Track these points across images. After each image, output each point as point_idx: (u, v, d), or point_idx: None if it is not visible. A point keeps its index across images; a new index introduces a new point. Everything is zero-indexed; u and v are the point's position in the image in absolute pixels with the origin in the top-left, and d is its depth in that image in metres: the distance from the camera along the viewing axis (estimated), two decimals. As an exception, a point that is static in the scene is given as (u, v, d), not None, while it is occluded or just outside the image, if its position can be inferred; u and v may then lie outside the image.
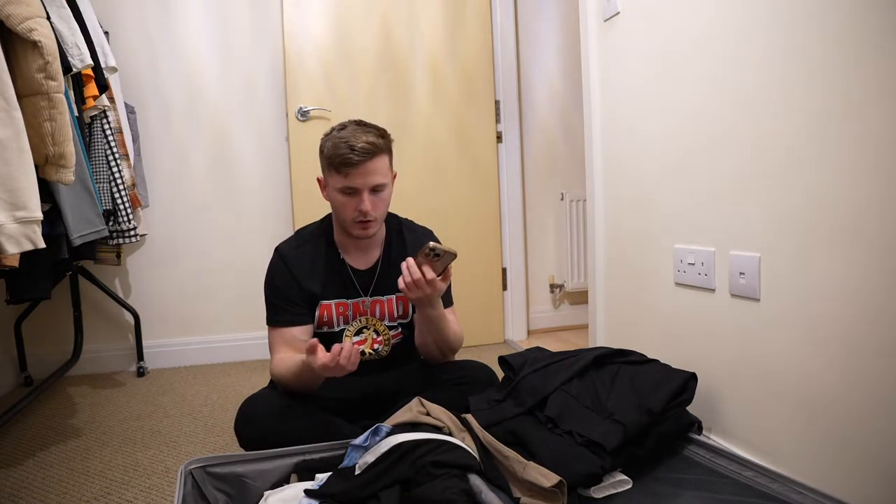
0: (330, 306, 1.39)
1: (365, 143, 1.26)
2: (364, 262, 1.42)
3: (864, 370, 1.02)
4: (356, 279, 1.40)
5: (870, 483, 1.01)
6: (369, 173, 1.27)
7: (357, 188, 1.29)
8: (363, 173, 1.27)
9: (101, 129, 1.94)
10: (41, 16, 1.24)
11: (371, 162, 1.27)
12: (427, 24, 2.50)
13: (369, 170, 1.27)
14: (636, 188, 1.68)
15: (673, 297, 1.53)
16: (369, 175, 1.28)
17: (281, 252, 1.40)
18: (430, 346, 1.40)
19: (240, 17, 2.48)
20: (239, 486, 1.09)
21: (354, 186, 1.28)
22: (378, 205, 1.31)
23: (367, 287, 1.41)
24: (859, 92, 1.00)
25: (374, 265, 1.43)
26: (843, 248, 1.05)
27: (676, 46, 1.47)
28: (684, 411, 1.25)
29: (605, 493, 1.06)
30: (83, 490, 1.33)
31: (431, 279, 1.22)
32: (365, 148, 1.25)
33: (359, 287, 1.41)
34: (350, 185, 1.28)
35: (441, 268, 1.23)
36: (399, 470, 0.97)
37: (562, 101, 2.82)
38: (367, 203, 1.29)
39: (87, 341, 2.22)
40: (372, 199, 1.30)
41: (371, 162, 1.27)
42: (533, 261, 2.82)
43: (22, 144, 1.17)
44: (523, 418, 1.22)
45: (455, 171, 2.57)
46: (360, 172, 1.27)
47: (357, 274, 1.41)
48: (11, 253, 1.15)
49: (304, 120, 2.37)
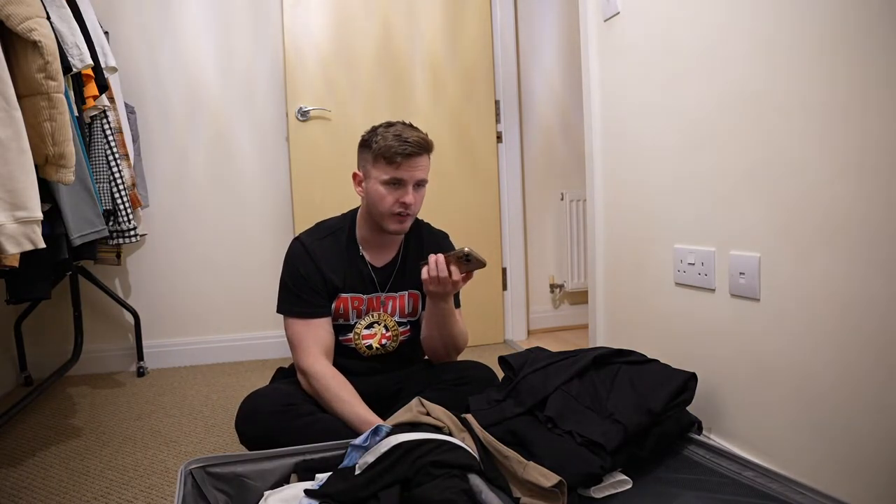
0: (347, 300, 1.42)
1: (418, 137, 1.34)
2: (382, 259, 1.46)
3: (864, 370, 1.02)
4: (374, 275, 1.44)
5: (870, 483, 1.01)
6: (418, 167, 1.35)
7: (404, 180, 1.35)
8: (412, 166, 1.35)
9: (101, 129, 1.94)
10: (41, 16, 1.24)
11: (420, 157, 1.35)
12: (427, 24, 2.50)
13: (418, 164, 1.35)
14: (636, 188, 1.68)
15: (673, 296, 1.53)
16: (417, 169, 1.35)
17: (303, 241, 1.43)
18: (435, 340, 1.43)
19: (240, 16, 2.48)
20: (239, 486, 1.09)
21: (402, 178, 1.35)
22: (418, 200, 1.39)
23: (383, 284, 1.45)
24: (859, 92, 1.00)
25: (392, 262, 1.46)
26: (843, 247, 1.05)
27: (676, 46, 1.47)
28: (684, 411, 1.25)
29: (605, 493, 1.06)
30: (83, 490, 1.33)
31: (457, 280, 1.32)
32: (418, 142, 1.34)
33: (376, 283, 1.45)
34: (398, 176, 1.34)
35: (466, 270, 1.33)
36: (399, 470, 0.97)
37: (562, 101, 2.82)
38: (410, 196, 1.35)
39: (87, 341, 2.22)
40: (414, 193, 1.36)
41: (420, 157, 1.35)
42: (533, 261, 2.82)
43: (22, 144, 1.17)
44: (523, 418, 1.22)
45: (455, 171, 2.57)
46: (410, 165, 1.34)
47: (375, 270, 1.45)
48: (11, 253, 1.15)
49: (304, 120, 2.37)
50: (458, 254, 1.30)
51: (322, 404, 1.30)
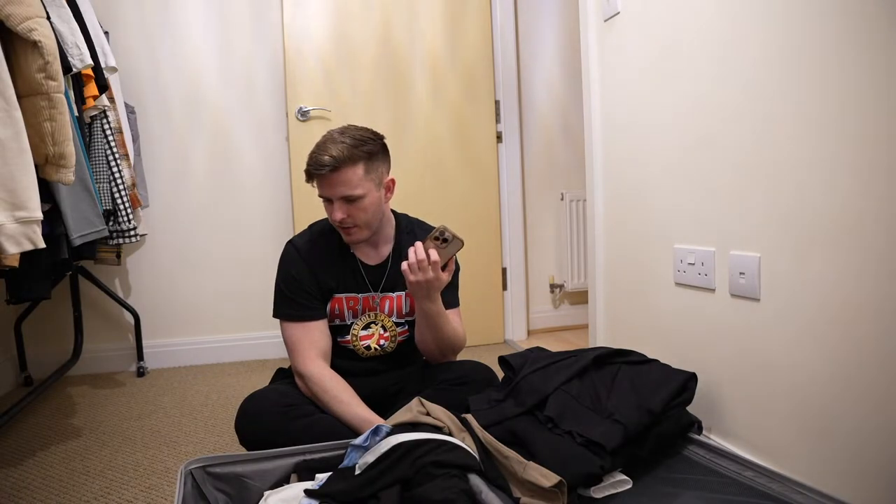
0: (341, 300, 1.42)
1: (329, 156, 1.27)
2: (374, 258, 1.45)
3: (863, 370, 1.02)
4: (366, 274, 1.43)
5: (869, 482, 1.01)
6: (335, 184, 1.30)
7: (327, 197, 1.33)
8: (330, 184, 1.30)
9: (101, 129, 1.94)
10: (41, 16, 1.24)
11: (335, 174, 1.28)
12: (427, 24, 2.50)
13: (334, 181, 1.29)
14: (636, 188, 1.68)
15: (673, 296, 1.53)
16: (336, 186, 1.30)
17: (296, 244, 1.43)
18: (428, 343, 1.41)
19: (240, 16, 2.48)
20: (239, 486, 1.09)
21: (325, 195, 1.33)
22: (356, 213, 1.32)
23: (376, 283, 1.44)
24: (858, 90, 1.00)
25: (385, 261, 1.45)
26: (843, 247, 1.05)
27: (676, 46, 1.47)
28: (684, 411, 1.25)
29: (605, 493, 1.06)
30: (83, 490, 1.33)
31: (435, 261, 1.26)
32: (325, 161, 1.27)
33: (368, 282, 1.43)
34: (322, 193, 1.33)
35: (447, 256, 1.28)
36: (399, 470, 0.97)
37: (562, 101, 2.82)
38: (337, 212, 1.32)
39: (87, 341, 2.22)
40: (347, 207, 1.32)
41: (335, 174, 1.28)
42: (533, 261, 2.82)
43: (22, 144, 1.17)
44: (523, 418, 1.22)
45: (455, 170, 2.57)
46: (326, 183, 1.31)
47: (367, 269, 1.44)
48: (11, 253, 1.15)
49: (304, 120, 2.37)
50: (434, 235, 1.26)
51: (321, 407, 1.30)
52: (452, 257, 1.31)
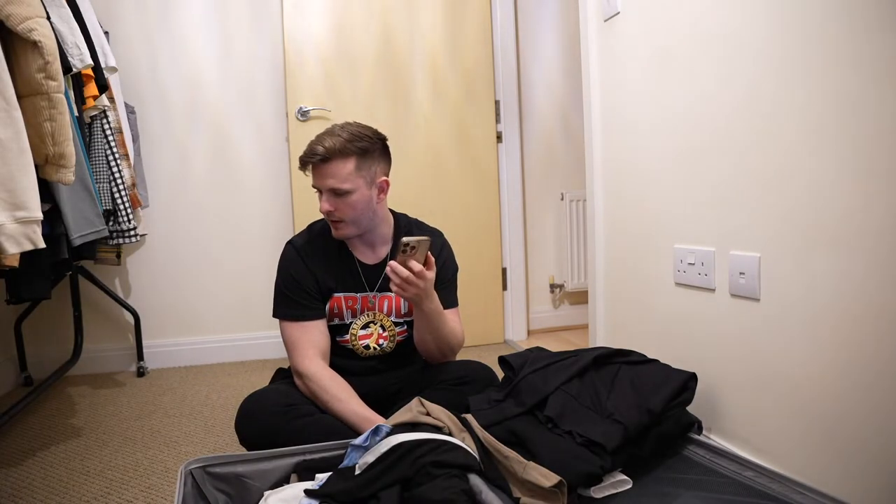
0: (340, 299, 1.42)
1: (323, 146, 1.30)
2: (372, 257, 1.46)
3: (863, 370, 1.02)
4: (364, 273, 1.44)
5: (870, 483, 1.01)
6: (325, 175, 1.32)
7: (318, 188, 1.35)
8: (320, 175, 1.33)
9: (101, 129, 1.94)
10: (41, 16, 1.24)
11: (326, 165, 1.31)
12: (427, 25, 2.50)
13: (324, 172, 1.32)
14: (636, 188, 1.68)
15: (673, 297, 1.53)
16: (325, 178, 1.32)
17: (295, 245, 1.44)
18: (428, 343, 1.41)
19: (240, 17, 2.48)
20: (239, 486, 1.09)
21: (316, 186, 1.35)
22: (343, 208, 1.34)
23: (374, 282, 1.44)
24: (858, 91, 1.00)
25: (382, 261, 1.45)
26: (843, 247, 1.05)
27: (676, 46, 1.47)
28: (684, 411, 1.25)
29: (605, 493, 1.06)
30: (83, 490, 1.33)
31: (419, 271, 1.25)
32: (318, 151, 1.30)
33: (366, 282, 1.43)
34: (313, 184, 1.36)
35: (422, 257, 1.27)
36: (399, 470, 0.97)
37: (562, 101, 2.82)
38: (324, 204, 1.34)
39: (87, 341, 2.22)
40: (335, 200, 1.33)
41: (326, 165, 1.31)
42: (533, 261, 2.82)
43: (22, 144, 1.17)
44: (523, 418, 1.22)
45: (455, 171, 2.57)
46: (317, 174, 1.34)
47: (365, 268, 1.44)
48: (11, 253, 1.15)
49: (304, 120, 2.37)
50: (400, 249, 1.22)
51: (321, 405, 1.30)
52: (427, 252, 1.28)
